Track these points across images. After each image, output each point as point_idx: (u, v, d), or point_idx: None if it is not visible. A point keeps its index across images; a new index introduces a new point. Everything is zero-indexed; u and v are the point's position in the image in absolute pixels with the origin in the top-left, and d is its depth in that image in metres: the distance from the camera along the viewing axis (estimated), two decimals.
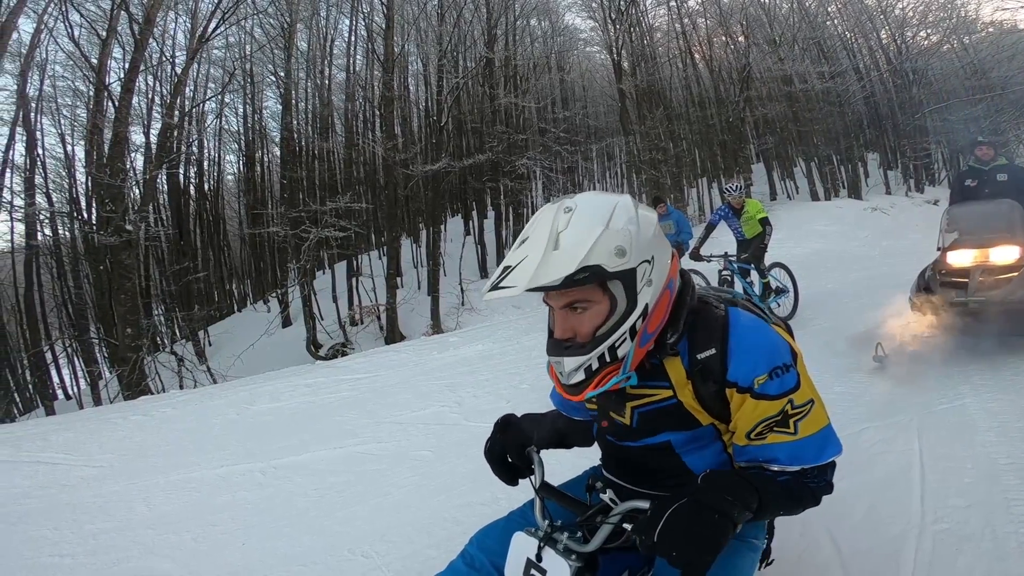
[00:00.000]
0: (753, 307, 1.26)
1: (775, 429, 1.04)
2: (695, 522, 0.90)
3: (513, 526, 1.29)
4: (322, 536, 2.61)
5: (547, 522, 1.16)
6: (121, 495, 3.31)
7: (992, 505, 2.15)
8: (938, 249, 4.20)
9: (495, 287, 1.01)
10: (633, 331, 1.05)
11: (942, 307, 3.82)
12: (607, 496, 1.09)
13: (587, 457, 1.53)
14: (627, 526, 1.04)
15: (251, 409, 4.79)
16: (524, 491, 1.29)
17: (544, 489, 1.23)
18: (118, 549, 2.72)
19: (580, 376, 1.07)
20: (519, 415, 1.43)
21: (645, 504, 1.00)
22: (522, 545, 1.15)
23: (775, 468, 1.06)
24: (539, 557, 1.12)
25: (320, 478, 3.22)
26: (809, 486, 1.06)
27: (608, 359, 1.05)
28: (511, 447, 1.33)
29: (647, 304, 1.05)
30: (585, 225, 1.01)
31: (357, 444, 3.64)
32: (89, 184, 12.75)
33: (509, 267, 1.01)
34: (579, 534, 1.13)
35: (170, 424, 4.64)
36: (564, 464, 1.62)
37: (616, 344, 1.05)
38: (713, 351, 1.07)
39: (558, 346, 1.08)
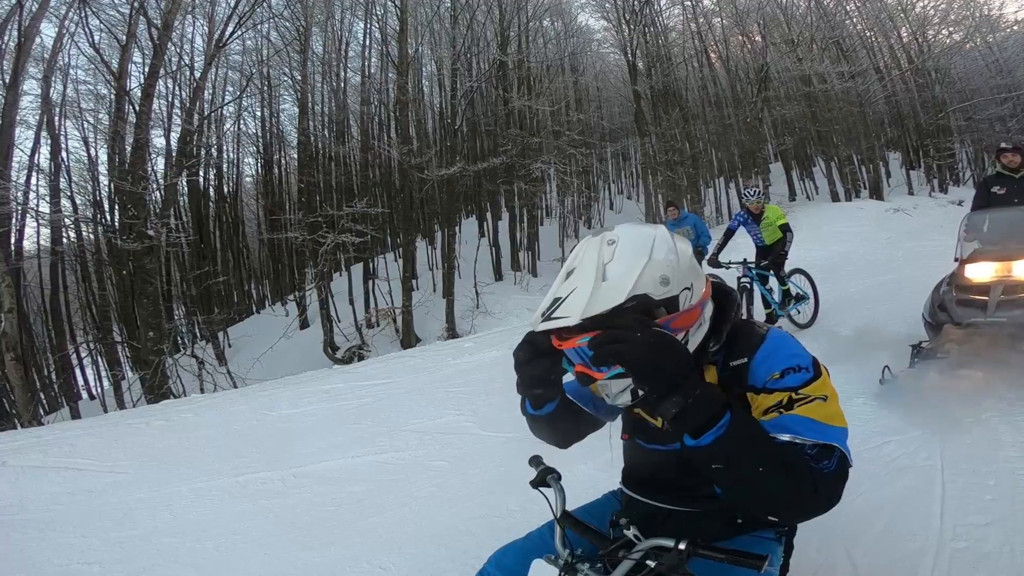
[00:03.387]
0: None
1: (781, 411, 1.05)
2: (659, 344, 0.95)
3: (531, 548, 1.31)
4: (341, 547, 2.64)
5: (568, 551, 1.17)
6: (146, 502, 3.37)
7: (1014, 523, 2.11)
8: (955, 259, 3.84)
9: (548, 317, 1.03)
10: None
11: (959, 329, 3.46)
12: (631, 532, 1.09)
13: (605, 471, 1.52)
14: (650, 563, 1.03)
15: (270, 415, 4.86)
16: (539, 507, 1.27)
17: (565, 518, 1.23)
18: (145, 557, 2.78)
19: (627, 398, 1.10)
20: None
21: (669, 542, 0.99)
22: (541, 573, 1.16)
23: (785, 438, 1.02)
24: None
25: (339, 487, 3.25)
26: (807, 462, 0.99)
27: None
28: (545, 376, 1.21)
29: (687, 330, 1.11)
30: (629, 257, 1.06)
31: (374, 453, 3.67)
32: (112, 188, 13.03)
33: (559, 298, 1.04)
34: (599, 565, 1.13)
35: (191, 430, 4.72)
36: (579, 477, 1.61)
37: None
38: (744, 360, 1.13)
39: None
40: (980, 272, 3.59)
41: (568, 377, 1.21)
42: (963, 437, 2.82)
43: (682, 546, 0.97)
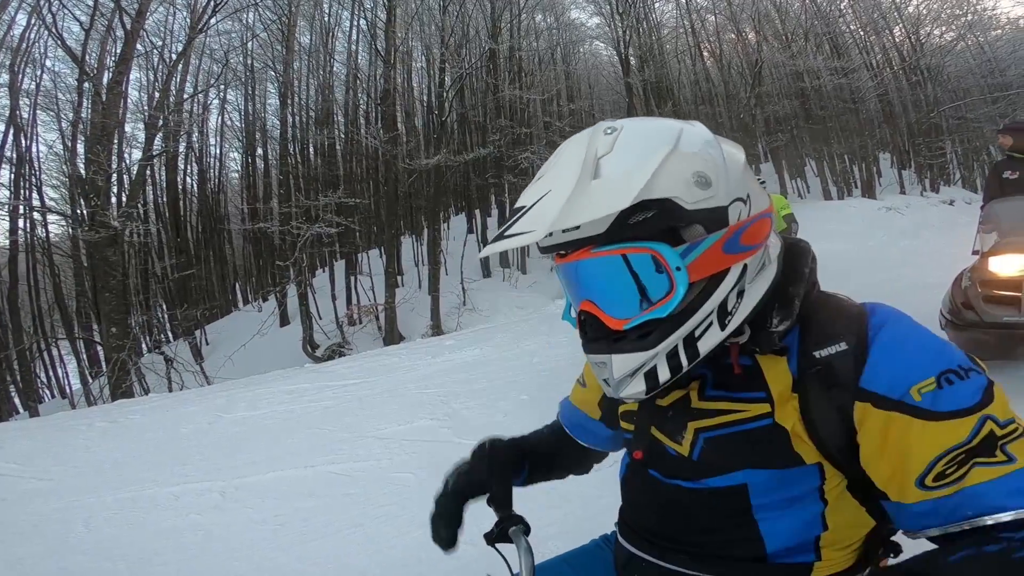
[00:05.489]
0: None
1: (976, 462, 0.60)
2: None
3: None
4: (274, 574, 2.22)
5: None
6: (62, 513, 2.94)
7: None
8: (974, 252, 3.50)
9: (501, 236, 0.65)
10: (724, 311, 0.68)
11: (985, 329, 3.10)
12: None
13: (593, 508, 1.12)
14: None
15: (225, 418, 4.41)
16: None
17: None
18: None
19: (639, 386, 0.71)
20: (504, 442, 1.02)
21: None
22: None
23: (1007, 518, 0.57)
24: None
25: (285, 502, 2.82)
26: None
27: (685, 358, 0.69)
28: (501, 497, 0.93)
29: (745, 265, 0.68)
30: (641, 146, 0.67)
31: (331, 463, 3.24)
32: (82, 179, 12.49)
33: (523, 208, 0.66)
34: None
35: (135, 433, 4.27)
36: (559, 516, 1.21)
37: (697, 332, 0.68)
38: (843, 346, 0.67)
39: (605, 337, 0.71)
40: (1007, 265, 3.22)
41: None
42: None
43: None
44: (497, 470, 0.96)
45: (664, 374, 0.69)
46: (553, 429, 1.12)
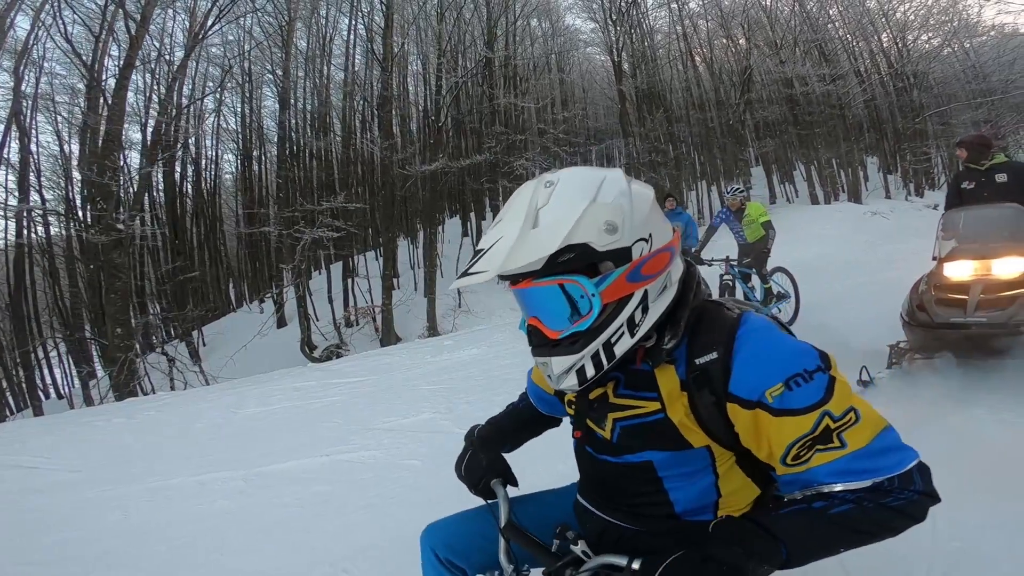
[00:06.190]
0: (779, 325, 1.05)
1: (817, 449, 0.82)
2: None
3: (473, 524, 1.22)
4: (301, 550, 2.48)
5: (512, 567, 1.07)
6: (94, 502, 3.17)
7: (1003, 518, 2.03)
8: (933, 258, 3.76)
9: (465, 273, 0.88)
10: (632, 323, 0.92)
11: (938, 328, 3.37)
12: (579, 549, 0.94)
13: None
14: None
15: (238, 414, 4.66)
16: None
17: (509, 529, 1.08)
18: (87, 559, 2.58)
19: (572, 380, 0.95)
20: (487, 425, 1.38)
21: (621, 560, 0.84)
22: None
23: (838, 488, 0.82)
24: None
25: (303, 487, 3.08)
26: (890, 506, 0.80)
27: (604, 359, 0.93)
28: (487, 467, 1.21)
29: (646, 291, 0.91)
30: (568, 200, 0.89)
31: (343, 452, 3.50)
32: (82, 182, 12.64)
33: (481, 251, 0.89)
34: None
35: (153, 428, 4.51)
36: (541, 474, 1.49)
37: (612, 339, 0.92)
38: (715, 355, 0.89)
39: (546, 344, 0.96)
40: (959, 271, 3.52)
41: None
42: (948, 436, 2.75)
43: (635, 565, 0.82)
44: (480, 446, 1.29)
45: (590, 371, 0.94)
46: (523, 400, 1.45)
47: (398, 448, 3.51)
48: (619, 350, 0.93)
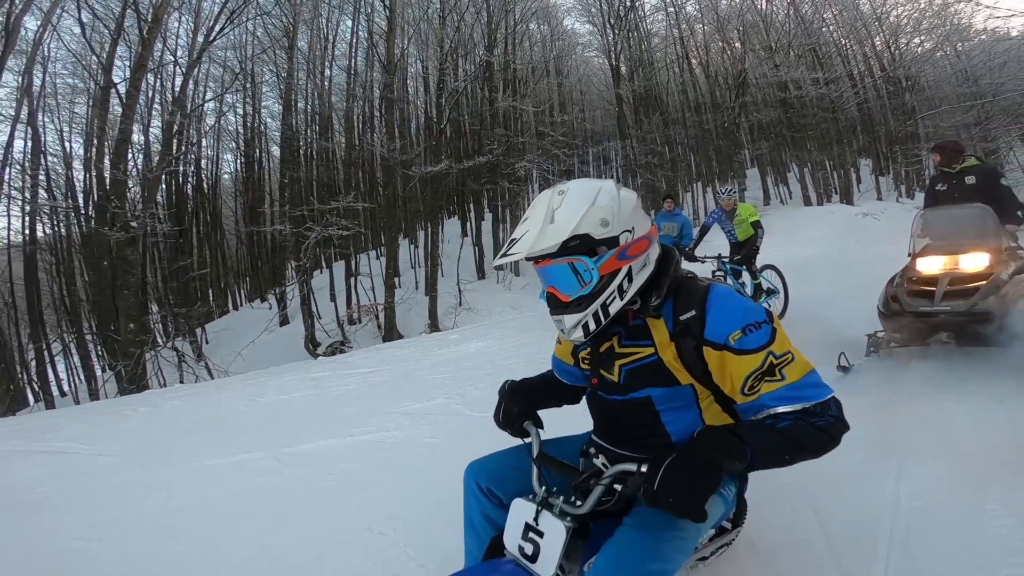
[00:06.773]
0: (737, 289, 1.46)
1: (765, 380, 1.17)
2: (687, 471, 1.05)
3: (509, 460, 1.52)
4: (340, 518, 2.74)
5: (544, 489, 1.29)
6: (138, 483, 3.39)
7: (959, 483, 2.32)
8: (908, 255, 4.13)
9: (504, 255, 1.25)
10: (621, 290, 1.29)
11: (908, 316, 3.72)
12: (599, 461, 1.24)
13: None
14: (617, 487, 1.17)
15: (259, 401, 4.91)
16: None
17: (541, 459, 1.38)
18: (140, 533, 2.80)
19: (579, 333, 1.32)
20: (517, 381, 1.66)
21: (633, 467, 1.14)
22: (520, 511, 1.28)
23: (780, 410, 1.15)
24: (536, 521, 1.23)
25: (332, 464, 3.35)
26: (816, 424, 1.13)
27: (602, 316, 1.29)
28: (520, 412, 1.52)
29: (630, 266, 1.29)
30: (575, 203, 1.27)
31: (366, 433, 3.78)
32: (87, 181, 12.86)
33: (515, 239, 1.27)
34: (573, 498, 1.24)
35: (179, 416, 4.74)
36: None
37: (607, 301, 1.29)
38: (693, 312, 1.25)
39: (560, 306, 1.32)
40: (929, 265, 3.89)
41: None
42: (917, 417, 3.04)
43: (644, 468, 1.10)
44: (511, 396, 1.57)
45: (592, 325, 1.31)
46: (548, 375, 1.75)
47: (416, 429, 3.79)
48: (612, 309, 1.30)
